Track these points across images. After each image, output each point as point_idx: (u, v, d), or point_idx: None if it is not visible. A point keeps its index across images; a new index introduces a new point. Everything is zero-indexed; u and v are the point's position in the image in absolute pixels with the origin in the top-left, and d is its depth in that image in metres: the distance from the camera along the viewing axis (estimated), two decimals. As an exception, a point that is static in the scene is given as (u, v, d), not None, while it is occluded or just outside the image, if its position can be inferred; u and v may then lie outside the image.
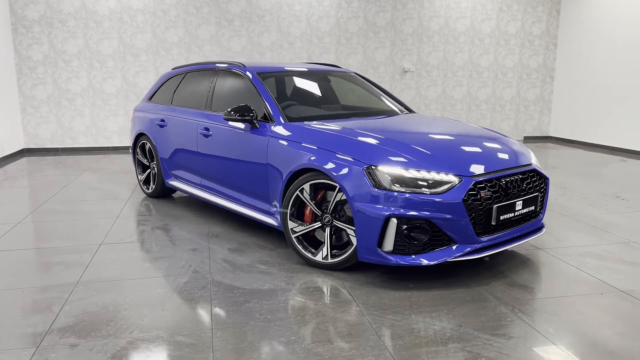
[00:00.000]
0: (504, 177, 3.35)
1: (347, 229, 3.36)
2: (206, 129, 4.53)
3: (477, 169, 3.27)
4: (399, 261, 3.15)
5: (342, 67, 5.23)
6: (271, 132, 3.89)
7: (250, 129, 4.06)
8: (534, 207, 3.54)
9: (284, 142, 3.74)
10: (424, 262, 3.14)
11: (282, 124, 3.90)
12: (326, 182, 3.40)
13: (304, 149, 3.58)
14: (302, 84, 4.78)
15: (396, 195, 3.10)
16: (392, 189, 3.12)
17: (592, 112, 9.84)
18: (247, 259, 3.75)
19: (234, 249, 3.97)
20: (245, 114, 3.95)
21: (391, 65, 9.95)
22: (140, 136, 5.68)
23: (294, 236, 3.62)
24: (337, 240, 3.52)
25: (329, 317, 2.86)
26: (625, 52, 9.05)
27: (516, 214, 3.38)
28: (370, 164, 3.22)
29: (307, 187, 3.50)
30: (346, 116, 4.31)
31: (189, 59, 9.05)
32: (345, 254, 3.38)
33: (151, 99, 5.75)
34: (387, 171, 3.17)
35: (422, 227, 3.13)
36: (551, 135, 10.94)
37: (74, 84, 8.73)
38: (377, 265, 3.51)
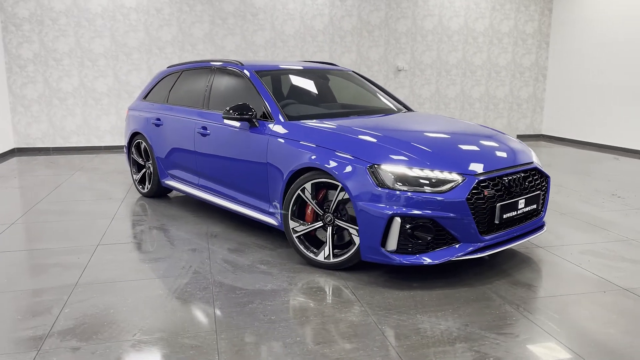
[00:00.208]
0: (507, 175, 3.34)
1: (349, 229, 3.33)
2: (204, 128, 4.48)
3: (480, 168, 3.25)
4: (403, 260, 3.13)
5: (340, 66, 5.20)
6: (271, 131, 3.85)
7: (249, 128, 4.01)
8: (535, 206, 3.54)
9: (284, 141, 3.71)
10: (427, 262, 3.12)
11: (281, 122, 3.86)
12: (328, 181, 3.37)
13: (304, 148, 3.55)
14: (300, 82, 4.74)
15: (399, 194, 3.08)
16: (396, 187, 3.10)
17: (584, 110, 9.91)
18: (248, 259, 3.71)
19: (234, 249, 3.93)
20: (244, 112, 3.90)
21: (385, 63, 9.94)
22: (135, 135, 5.61)
23: (295, 236, 3.58)
24: (338, 239, 3.49)
25: (334, 317, 2.83)
26: (617, 51, 9.12)
27: (519, 212, 3.37)
28: (373, 162, 3.19)
29: (308, 186, 3.47)
30: (345, 114, 4.28)
31: (182, 57, 8.97)
32: (347, 254, 3.35)
33: (146, 97, 5.68)
34: (391, 170, 3.14)
35: (425, 226, 3.11)
36: (543, 133, 11.00)
37: (65, 82, 8.62)
38: (378, 264, 3.49)
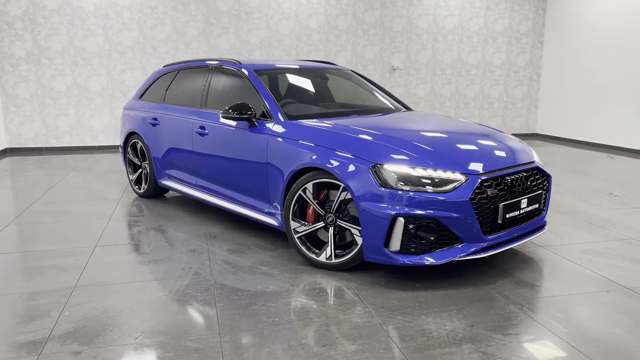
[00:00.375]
0: (509, 174, 3.33)
1: (351, 229, 3.30)
2: (202, 128, 4.43)
3: (482, 167, 3.24)
4: (406, 261, 3.11)
5: (338, 65, 5.17)
6: (270, 130, 3.81)
7: (248, 128, 3.97)
8: (537, 205, 3.53)
9: (285, 141, 3.67)
10: (430, 262, 3.10)
11: (281, 122, 3.83)
12: (330, 181, 3.34)
13: (305, 148, 3.51)
14: (299, 81, 4.71)
15: (402, 194, 3.06)
16: (399, 187, 3.08)
17: (579, 109, 9.95)
18: (248, 260, 3.67)
19: (234, 249, 3.88)
20: (243, 112, 3.86)
21: (380, 62, 9.92)
22: (131, 135, 5.54)
23: (296, 236, 3.55)
24: (339, 240, 3.46)
25: (338, 318, 2.80)
26: (610, 50, 9.16)
27: (521, 212, 3.36)
28: (376, 162, 3.16)
29: (310, 186, 3.44)
30: (345, 114, 4.25)
31: (176, 56, 8.90)
32: (350, 254, 3.33)
33: (142, 97, 5.62)
34: (394, 169, 3.12)
35: (429, 226, 3.09)
36: (538, 132, 11.04)
37: (58, 82, 8.52)
38: (380, 265, 3.47)
